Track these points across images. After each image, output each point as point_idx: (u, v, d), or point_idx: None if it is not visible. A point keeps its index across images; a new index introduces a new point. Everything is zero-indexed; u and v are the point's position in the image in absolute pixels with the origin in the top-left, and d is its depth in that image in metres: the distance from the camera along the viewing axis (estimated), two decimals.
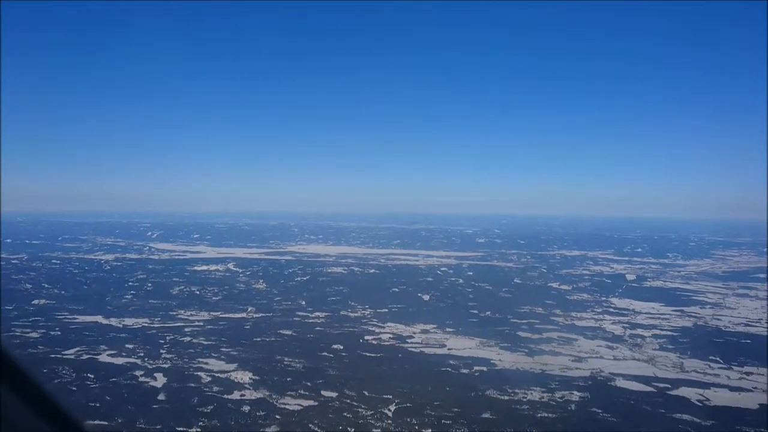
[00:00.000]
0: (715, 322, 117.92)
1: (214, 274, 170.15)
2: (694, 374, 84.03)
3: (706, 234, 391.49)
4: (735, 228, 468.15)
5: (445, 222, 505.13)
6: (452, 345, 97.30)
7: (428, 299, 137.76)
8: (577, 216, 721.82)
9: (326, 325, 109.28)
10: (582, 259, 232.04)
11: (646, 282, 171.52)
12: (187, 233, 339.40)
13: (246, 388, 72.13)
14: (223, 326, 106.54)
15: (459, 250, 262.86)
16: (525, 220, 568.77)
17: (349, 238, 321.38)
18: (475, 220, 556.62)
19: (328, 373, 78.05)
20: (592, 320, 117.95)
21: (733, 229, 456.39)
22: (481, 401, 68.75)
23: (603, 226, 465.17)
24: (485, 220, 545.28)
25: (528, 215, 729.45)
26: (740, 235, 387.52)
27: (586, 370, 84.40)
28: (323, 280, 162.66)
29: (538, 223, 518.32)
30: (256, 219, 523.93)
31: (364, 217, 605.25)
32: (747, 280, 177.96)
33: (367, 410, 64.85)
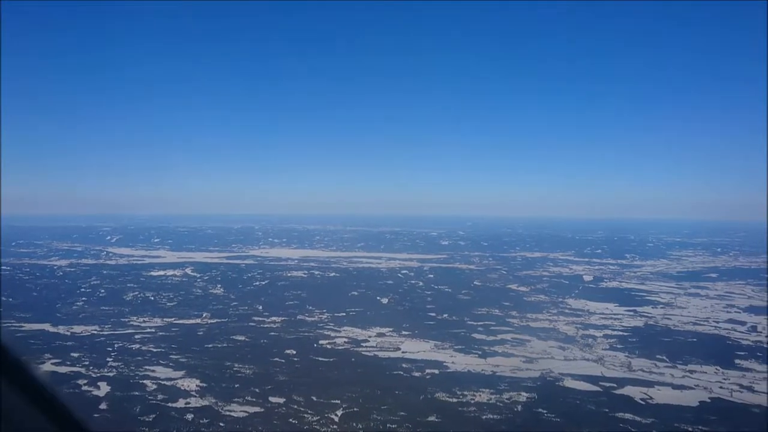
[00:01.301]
0: (665, 322, 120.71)
1: (171, 279, 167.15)
2: (640, 373, 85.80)
3: (665, 235, 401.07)
4: (693, 228, 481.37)
5: (411, 224, 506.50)
6: (407, 348, 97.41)
7: (387, 302, 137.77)
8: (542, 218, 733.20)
9: (281, 330, 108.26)
10: (543, 260, 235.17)
11: (603, 283, 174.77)
12: (147, 237, 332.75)
13: (192, 395, 70.90)
14: (176, 333, 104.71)
15: (422, 252, 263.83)
16: (490, 222, 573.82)
17: (313, 242, 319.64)
18: (441, 222, 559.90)
19: (278, 379, 77.30)
20: (547, 321, 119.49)
21: (690, 229, 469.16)
22: (429, 404, 68.91)
23: (566, 228, 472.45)
24: (451, 222, 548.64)
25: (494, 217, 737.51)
26: (696, 235, 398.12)
27: (536, 370, 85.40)
28: (282, 284, 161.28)
29: (503, 224, 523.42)
30: (221, 222, 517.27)
31: (330, 219, 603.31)
32: (699, 279, 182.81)
33: (314, 416, 64.39)
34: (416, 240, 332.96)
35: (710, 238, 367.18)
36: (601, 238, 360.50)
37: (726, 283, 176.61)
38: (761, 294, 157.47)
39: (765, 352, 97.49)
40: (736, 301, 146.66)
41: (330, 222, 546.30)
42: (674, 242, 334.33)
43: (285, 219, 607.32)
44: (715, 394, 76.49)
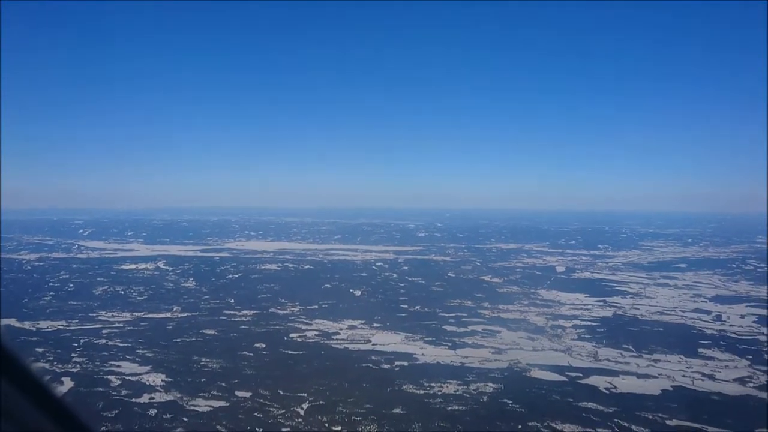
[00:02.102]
0: (633, 312, 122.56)
1: (143, 273, 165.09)
2: (606, 363, 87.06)
3: (638, 226, 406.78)
4: (666, 220, 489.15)
5: (390, 216, 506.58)
6: (377, 340, 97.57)
7: (360, 295, 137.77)
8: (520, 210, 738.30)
9: (252, 323, 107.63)
10: (517, 252, 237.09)
11: (575, 273, 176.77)
12: (121, 230, 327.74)
13: (157, 390, 70.18)
14: (144, 327, 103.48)
15: (398, 244, 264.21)
16: (469, 214, 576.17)
17: (289, 234, 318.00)
18: (420, 214, 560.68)
19: (245, 373, 76.87)
20: (518, 312, 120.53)
21: (664, 220, 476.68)
22: (396, 396, 69.12)
23: (543, 220, 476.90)
24: (430, 215, 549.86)
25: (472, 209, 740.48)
26: (669, 226, 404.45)
27: (504, 361, 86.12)
28: (256, 277, 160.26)
29: (481, 217, 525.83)
30: (197, 215, 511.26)
31: (308, 212, 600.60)
32: (669, 270, 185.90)
33: (279, 409, 64.19)
34: (393, 232, 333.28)
35: (682, 229, 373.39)
36: (576, 229, 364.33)
37: (695, 273, 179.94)
38: (728, 284, 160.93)
39: (728, 341, 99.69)
40: (704, 291, 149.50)
41: (308, 215, 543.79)
42: (647, 233, 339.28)
43: (263, 212, 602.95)
44: (678, 383, 77.96)
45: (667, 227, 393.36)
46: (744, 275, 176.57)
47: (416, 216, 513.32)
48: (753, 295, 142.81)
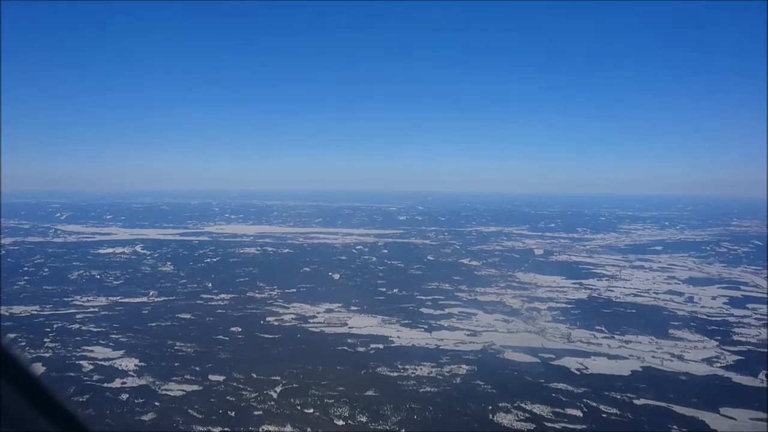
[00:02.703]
0: (608, 294, 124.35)
1: (120, 257, 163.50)
2: (578, 344, 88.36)
3: (618, 209, 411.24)
4: (645, 203, 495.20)
5: (372, 200, 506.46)
6: (354, 323, 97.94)
7: (338, 278, 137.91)
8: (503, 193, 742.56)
9: (229, 307, 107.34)
10: (497, 235, 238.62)
11: (553, 256, 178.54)
12: (99, 214, 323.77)
13: (129, 375, 69.85)
14: (119, 312, 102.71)
15: (379, 227, 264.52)
16: (451, 198, 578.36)
17: (270, 218, 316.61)
18: (402, 197, 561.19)
19: (220, 357, 76.81)
20: (495, 295, 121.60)
21: (643, 203, 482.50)
22: (369, 379, 69.57)
23: (524, 203, 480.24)
24: (411, 198, 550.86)
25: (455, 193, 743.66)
26: (647, 209, 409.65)
27: (479, 343, 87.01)
28: (234, 261, 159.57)
29: (463, 200, 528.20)
30: (178, 198, 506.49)
31: (291, 195, 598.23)
32: (645, 252, 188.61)
33: (252, 393, 64.32)
34: (374, 215, 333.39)
35: (660, 212, 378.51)
36: (556, 212, 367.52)
37: (670, 255, 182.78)
38: (702, 266, 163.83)
39: (698, 322, 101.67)
40: (678, 273, 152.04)
41: (290, 198, 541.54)
42: (626, 216, 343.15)
43: (245, 195, 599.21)
44: (647, 363, 79.42)
45: (645, 210, 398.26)
46: (717, 258, 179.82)
47: (399, 199, 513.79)
48: (725, 277, 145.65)
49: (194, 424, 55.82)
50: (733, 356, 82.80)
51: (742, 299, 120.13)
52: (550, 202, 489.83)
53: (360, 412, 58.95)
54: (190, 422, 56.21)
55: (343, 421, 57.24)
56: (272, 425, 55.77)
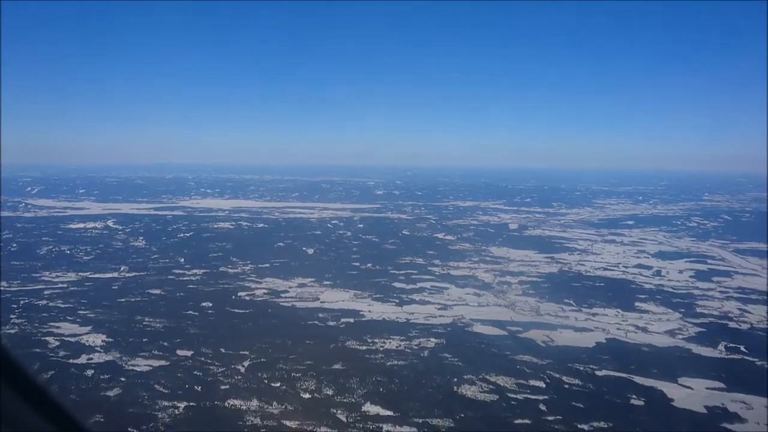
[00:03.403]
0: (578, 268, 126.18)
1: (91, 232, 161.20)
2: (546, 317, 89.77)
3: (594, 184, 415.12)
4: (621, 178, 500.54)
5: (350, 174, 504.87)
6: (326, 298, 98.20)
7: (312, 253, 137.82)
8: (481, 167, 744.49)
9: (201, 282, 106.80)
10: (473, 209, 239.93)
11: (527, 231, 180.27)
12: (72, 188, 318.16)
13: (96, 351, 69.37)
14: (88, 287, 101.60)
15: (356, 202, 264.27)
16: (429, 172, 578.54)
17: (247, 192, 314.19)
18: (381, 172, 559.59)
19: (188, 332, 76.55)
20: (467, 269, 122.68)
21: (619, 178, 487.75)
22: (338, 353, 70.02)
23: (501, 177, 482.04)
24: (390, 172, 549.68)
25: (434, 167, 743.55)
26: (623, 184, 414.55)
27: (449, 317, 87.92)
28: (208, 236, 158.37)
29: (441, 174, 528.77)
30: (153, 172, 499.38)
31: (269, 169, 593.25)
32: (617, 227, 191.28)
33: (220, 367, 64.39)
34: (352, 190, 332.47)
35: (635, 187, 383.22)
36: (533, 187, 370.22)
37: (641, 230, 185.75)
38: (671, 240, 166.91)
39: (664, 295, 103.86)
40: (648, 247, 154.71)
41: (268, 172, 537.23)
42: (601, 191, 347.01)
43: (222, 169, 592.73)
44: (612, 335, 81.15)
45: (621, 185, 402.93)
46: (687, 232, 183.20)
47: (377, 174, 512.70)
48: (693, 251, 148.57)
49: (160, 399, 55.78)
50: (695, 328, 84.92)
51: (707, 273, 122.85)
52: (528, 177, 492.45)
53: (326, 386, 59.43)
54: (156, 397, 56.16)
55: (309, 394, 57.69)
56: (238, 399, 55.98)
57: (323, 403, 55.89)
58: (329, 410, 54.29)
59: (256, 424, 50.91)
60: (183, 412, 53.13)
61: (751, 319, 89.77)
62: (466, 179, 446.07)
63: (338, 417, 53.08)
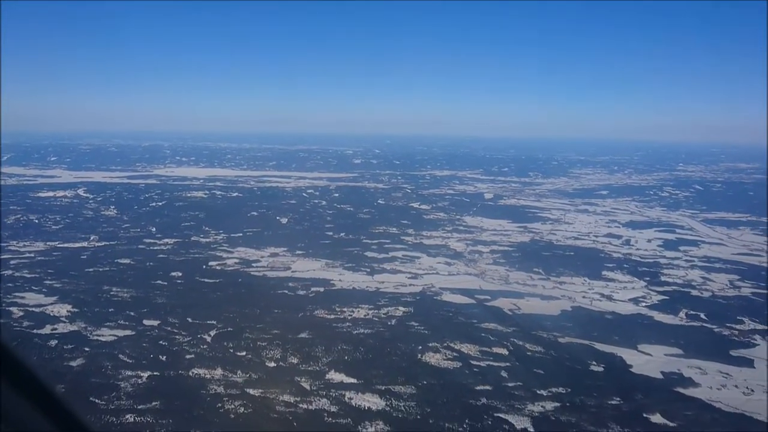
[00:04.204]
0: (549, 237, 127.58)
1: (61, 201, 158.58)
2: (515, 285, 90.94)
3: (572, 153, 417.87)
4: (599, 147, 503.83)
5: (329, 142, 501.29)
6: (297, 267, 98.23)
7: (286, 222, 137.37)
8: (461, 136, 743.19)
9: (172, 252, 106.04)
10: (450, 179, 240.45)
11: (502, 200, 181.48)
12: (43, 156, 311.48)
13: (61, 321, 68.81)
14: (56, 257, 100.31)
15: (333, 171, 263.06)
16: (408, 141, 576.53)
17: (223, 160, 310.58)
18: (360, 140, 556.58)
19: (156, 302, 76.20)
20: (440, 238, 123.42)
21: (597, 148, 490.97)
22: (306, 322, 70.36)
23: (480, 146, 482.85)
24: (369, 141, 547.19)
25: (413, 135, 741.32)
26: (600, 154, 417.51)
27: (419, 286, 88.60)
28: (181, 205, 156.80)
29: (420, 143, 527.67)
30: (128, 140, 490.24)
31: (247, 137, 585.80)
32: (591, 196, 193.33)
33: (186, 337, 64.38)
34: (329, 158, 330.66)
35: (612, 157, 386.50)
36: (511, 156, 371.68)
37: (614, 199, 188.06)
38: (643, 210, 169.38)
39: (631, 263, 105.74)
40: (619, 216, 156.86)
41: (246, 140, 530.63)
42: (578, 161, 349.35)
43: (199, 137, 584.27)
44: (577, 304, 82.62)
45: (598, 155, 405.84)
46: (659, 201, 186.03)
47: (356, 142, 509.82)
48: (663, 221, 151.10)
49: (123, 369, 55.68)
50: (659, 296, 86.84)
51: (675, 242, 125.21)
52: (507, 146, 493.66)
53: (292, 354, 59.82)
54: (120, 367, 56.05)
55: (274, 363, 58.05)
56: (203, 369, 56.14)
57: (287, 371, 56.31)
58: (293, 378, 54.73)
59: (219, 393, 51.18)
60: (146, 382, 53.17)
61: (713, 287, 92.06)
62: (445, 148, 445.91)
63: (302, 385, 53.54)
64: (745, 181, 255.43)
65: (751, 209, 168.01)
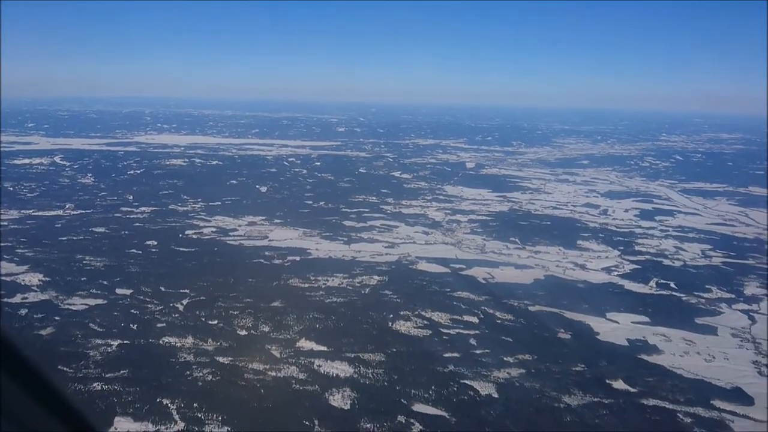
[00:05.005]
0: (528, 207, 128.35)
1: (37, 168, 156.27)
2: (491, 255, 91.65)
3: (557, 122, 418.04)
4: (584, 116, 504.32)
5: (313, 110, 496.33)
6: (275, 236, 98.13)
7: (265, 191, 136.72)
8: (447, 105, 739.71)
9: (148, 220, 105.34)
10: (433, 147, 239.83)
11: (483, 170, 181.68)
12: (21, 122, 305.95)
13: (32, 290, 68.37)
14: (30, 225, 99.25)
15: (317, 139, 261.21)
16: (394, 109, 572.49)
17: (205, 128, 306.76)
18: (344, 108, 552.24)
19: (129, 271, 75.90)
20: (419, 207, 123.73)
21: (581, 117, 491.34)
22: (279, 290, 70.54)
23: (466, 115, 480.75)
24: (354, 109, 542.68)
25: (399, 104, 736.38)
26: (585, 123, 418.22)
27: (395, 255, 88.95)
28: (159, 173, 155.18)
29: (406, 111, 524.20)
30: (109, 106, 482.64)
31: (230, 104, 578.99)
32: (572, 166, 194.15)
33: (158, 306, 64.36)
34: (313, 127, 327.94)
35: (596, 126, 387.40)
36: (496, 125, 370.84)
37: (595, 169, 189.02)
38: (623, 180, 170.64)
39: (606, 233, 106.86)
40: (599, 186, 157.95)
41: (229, 107, 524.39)
42: (562, 130, 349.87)
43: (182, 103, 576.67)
44: (550, 272, 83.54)
45: (582, 124, 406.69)
46: (639, 171, 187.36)
47: (341, 110, 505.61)
48: (642, 191, 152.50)
49: (93, 337, 55.70)
50: (631, 265, 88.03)
51: (652, 212, 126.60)
52: (493, 115, 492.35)
53: (263, 323, 60.16)
54: (89, 336, 56.05)
55: (245, 331, 58.37)
56: (173, 337, 56.33)
57: (258, 339, 56.69)
58: (264, 346, 55.13)
59: (189, 361, 51.48)
60: (116, 350, 53.29)
61: (685, 256, 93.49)
62: (430, 117, 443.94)
63: (272, 353, 53.99)
64: (726, 151, 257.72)
65: (729, 179, 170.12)
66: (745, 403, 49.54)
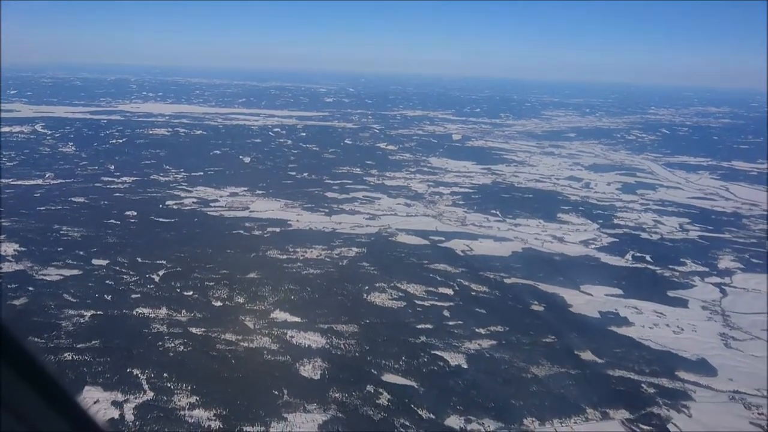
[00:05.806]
0: (511, 179, 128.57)
1: (17, 137, 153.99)
2: (471, 227, 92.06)
3: (546, 95, 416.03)
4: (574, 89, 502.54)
5: (302, 80, 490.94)
6: (256, 207, 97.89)
7: (249, 161, 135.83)
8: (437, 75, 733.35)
9: (129, 191, 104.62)
10: (421, 119, 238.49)
11: (469, 142, 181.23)
12: (3, 89, 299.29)
13: (7, 260, 68.03)
14: (8, 195, 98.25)
15: (304, 109, 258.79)
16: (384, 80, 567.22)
17: (191, 97, 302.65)
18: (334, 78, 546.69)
19: (106, 241, 75.64)
20: (403, 179, 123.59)
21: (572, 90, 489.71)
22: (257, 262, 70.67)
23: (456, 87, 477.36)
24: (344, 79, 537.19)
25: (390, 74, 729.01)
26: (575, 96, 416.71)
27: (375, 227, 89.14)
28: (142, 142, 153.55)
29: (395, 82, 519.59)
30: (95, 73, 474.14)
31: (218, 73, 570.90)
32: (559, 139, 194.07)
33: (134, 276, 64.33)
34: (301, 96, 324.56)
35: (586, 99, 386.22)
36: (485, 97, 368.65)
37: (581, 142, 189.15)
38: (607, 153, 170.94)
39: (587, 206, 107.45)
40: (583, 159, 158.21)
41: (217, 75, 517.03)
42: (551, 102, 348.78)
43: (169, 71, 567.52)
44: (529, 245, 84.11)
45: (572, 97, 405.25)
46: (625, 145, 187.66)
47: (330, 80, 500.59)
48: (626, 164, 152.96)
49: (66, 308, 55.69)
50: (609, 239, 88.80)
51: (634, 185, 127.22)
52: (483, 87, 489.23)
53: (239, 294, 60.37)
54: (63, 306, 56.03)
55: (220, 302, 58.58)
56: (147, 308, 56.46)
57: (233, 310, 56.97)
58: (238, 317, 55.44)
59: (161, 332, 51.71)
60: (88, 321, 53.38)
61: (662, 230, 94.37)
62: (419, 88, 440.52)
63: (246, 324, 54.31)
64: (712, 125, 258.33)
65: (713, 153, 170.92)
66: (709, 374, 50.59)
